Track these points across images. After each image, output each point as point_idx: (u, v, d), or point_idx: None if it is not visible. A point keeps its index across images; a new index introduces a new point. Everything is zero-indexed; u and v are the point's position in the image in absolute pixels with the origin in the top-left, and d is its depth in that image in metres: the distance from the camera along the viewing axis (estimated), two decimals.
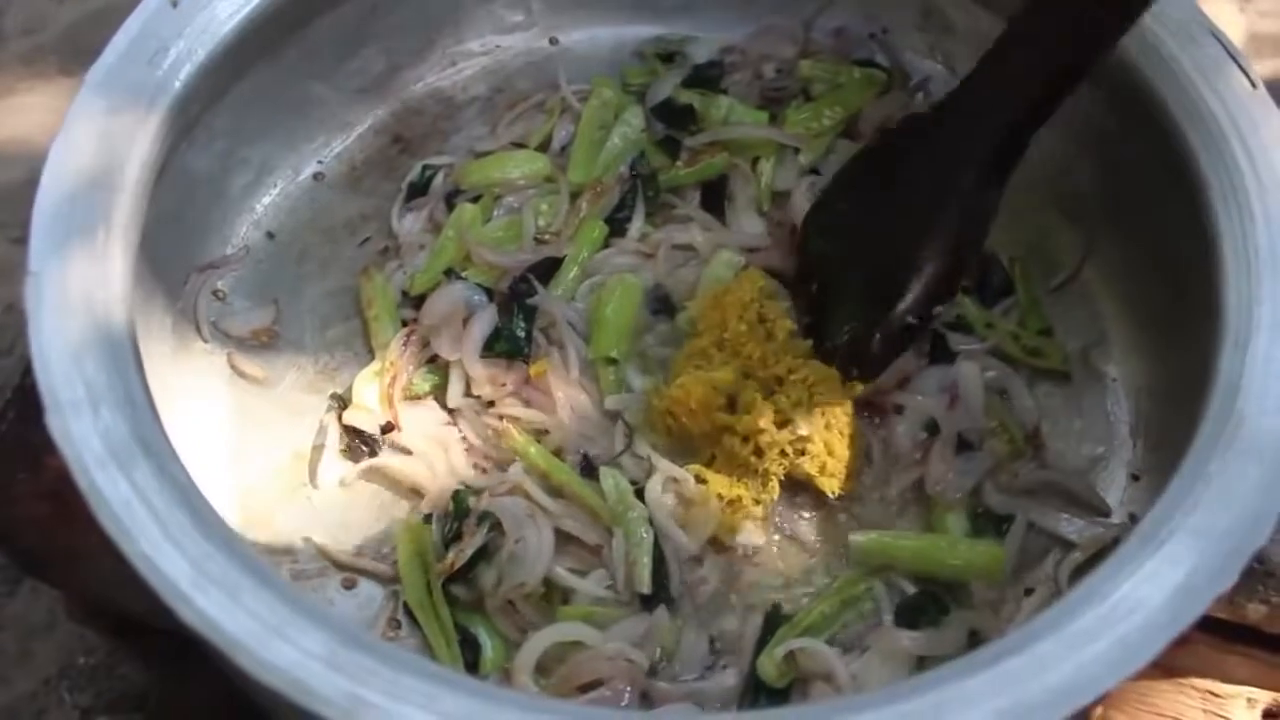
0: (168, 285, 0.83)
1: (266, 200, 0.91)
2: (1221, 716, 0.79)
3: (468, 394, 0.82)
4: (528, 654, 0.71)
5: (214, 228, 0.88)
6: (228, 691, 0.68)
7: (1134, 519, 0.78)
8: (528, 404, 0.82)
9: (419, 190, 0.92)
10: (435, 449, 0.81)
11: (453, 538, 0.76)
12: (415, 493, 0.80)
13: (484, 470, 0.80)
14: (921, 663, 0.73)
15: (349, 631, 0.54)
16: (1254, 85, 0.74)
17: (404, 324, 0.85)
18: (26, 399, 0.65)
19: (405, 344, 0.83)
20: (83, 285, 0.64)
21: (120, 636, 0.89)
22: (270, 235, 0.90)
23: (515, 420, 0.80)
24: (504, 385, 0.81)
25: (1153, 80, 0.77)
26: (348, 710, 0.51)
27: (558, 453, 0.80)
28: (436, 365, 0.83)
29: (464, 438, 0.81)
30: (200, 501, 0.59)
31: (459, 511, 0.77)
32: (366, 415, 0.81)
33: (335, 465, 0.81)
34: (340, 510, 0.80)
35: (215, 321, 0.85)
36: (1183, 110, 0.75)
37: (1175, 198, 0.75)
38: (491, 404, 0.82)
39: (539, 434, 0.80)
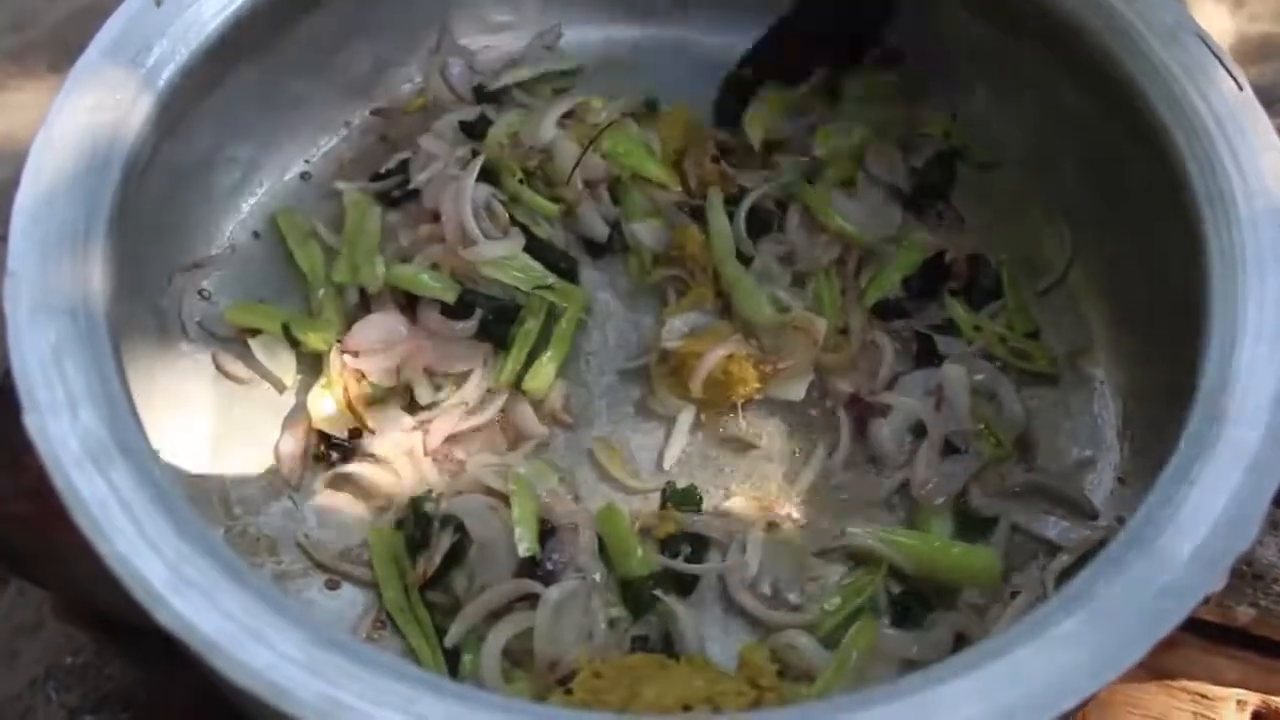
0: (152, 284, 0.83)
1: (253, 200, 0.91)
2: (1210, 718, 0.79)
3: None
4: (492, 646, 0.71)
5: (200, 227, 0.88)
6: (214, 691, 0.68)
7: (1121, 521, 0.77)
8: None
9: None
10: (401, 455, 0.80)
11: (420, 544, 0.75)
12: (385, 498, 0.80)
13: (453, 475, 0.80)
14: (907, 663, 0.73)
15: (326, 633, 0.54)
16: (1241, 87, 0.74)
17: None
18: (6, 399, 0.65)
19: (342, 362, 0.82)
20: (62, 284, 0.64)
21: (106, 635, 0.89)
22: (256, 235, 0.90)
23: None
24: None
25: (1140, 82, 0.76)
26: (324, 713, 0.51)
27: None
28: None
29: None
30: (178, 502, 0.58)
31: (420, 518, 0.77)
32: (334, 421, 0.81)
33: (315, 467, 0.81)
34: (322, 512, 0.80)
35: (200, 321, 0.85)
36: (1170, 113, 0.75)
37: (1162, 201, 0.75)
38: None
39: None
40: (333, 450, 0.81)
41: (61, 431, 0.59)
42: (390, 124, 0.96)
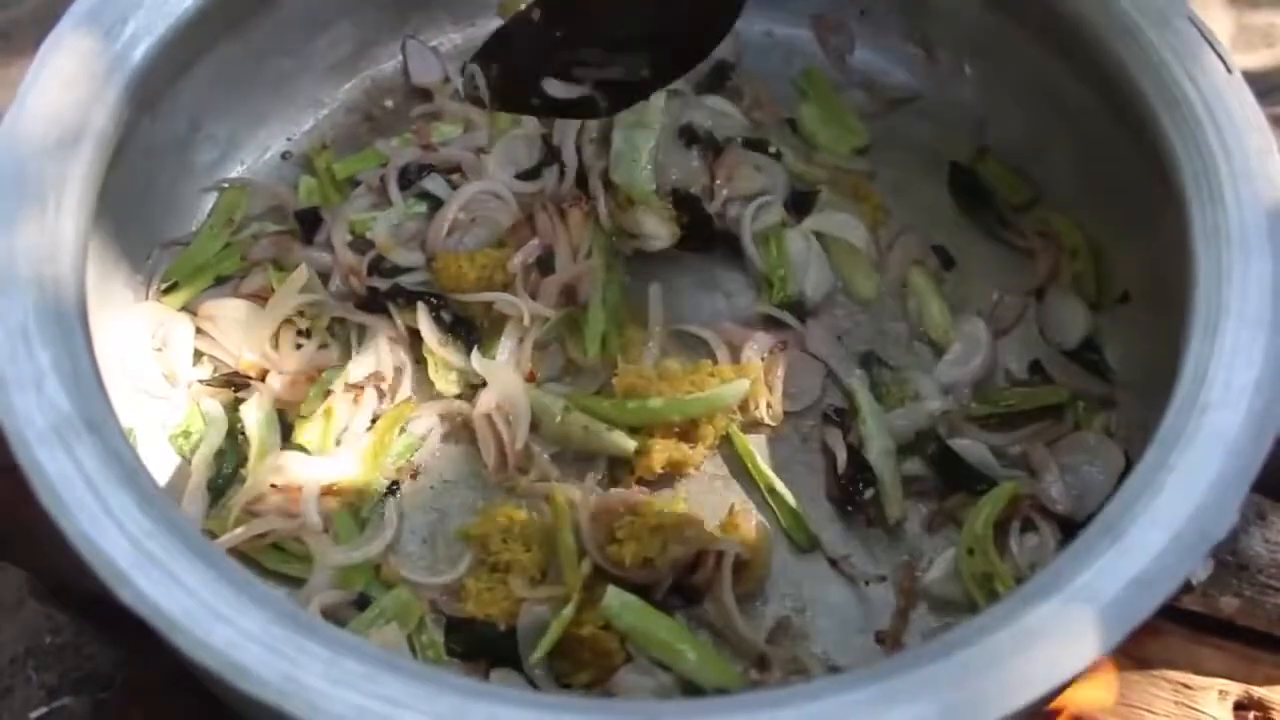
0: (130, 260, 0.82)
1: (233, 177, 0.90)
2: (1193, 708, 0.79)
3: None
4: None
5: (179, 204, 0.87)
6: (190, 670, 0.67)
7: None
8: None
9: None
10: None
11: None
12: None
13: None
14: None
15: (288, 612, 0.53)
16: (1230, 70, 0.73)
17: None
18: None
19: None
20: (31, 259, 0.63)
21: (86, 615, 0.88)
22: None
23: None
24: None
25: (1129, 65, 0.76)
26: (284, 692, 0.51)
27: None
28: None
29: None
30: (145, 478, 0.58)
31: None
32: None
33: None
34: None
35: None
36: (1158, 95, 0.74)
37: (1151, 185, 0.74)
38: None
39: None
40: None
41: (27, 407, 0.58)
42: (374, 104, 0.95)
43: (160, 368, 0.80)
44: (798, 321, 0.85)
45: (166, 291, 0.83)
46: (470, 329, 0.83)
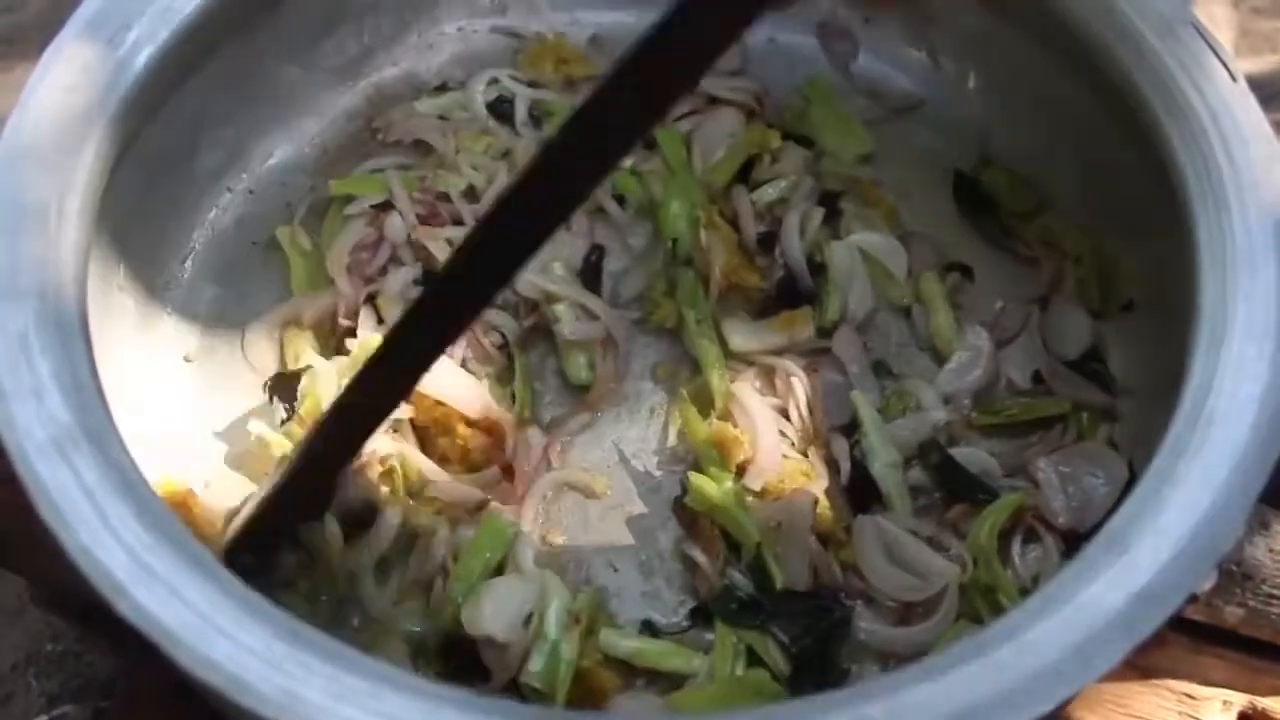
0: (130, 268, 0.81)
1: (236, 185, 0.90)
2: (1196, 719, 0.78)
3: None
4: None
5: (180, 212, 0.87)
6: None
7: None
8: None
9: None
10: None
11: None
12: None
13: None
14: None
15: (289, 627, 0.53)
16: (1234, 79, 0.72)
17: None
18: None
19: None
20: (33, 268, 0.63)
21: (87, 623, 0.88)
22: (238, 222, 0.89)
23: None
24: None
25: (1133, 73, 0.75)
26: (284, 707, 0.50)
27: None
28: None
29: None
30: (145, 491, 0.58)
31: None
32: None
33: None
34: None
35: (177, 306, 0.84)
36: (1162, 103, 0.74)
37: (1156, 194, 0.74)
38: None
39: None
40: None
41: (26, 418, 0.58)
42: (376, 109, 0.95)
43: None
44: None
45: None
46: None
